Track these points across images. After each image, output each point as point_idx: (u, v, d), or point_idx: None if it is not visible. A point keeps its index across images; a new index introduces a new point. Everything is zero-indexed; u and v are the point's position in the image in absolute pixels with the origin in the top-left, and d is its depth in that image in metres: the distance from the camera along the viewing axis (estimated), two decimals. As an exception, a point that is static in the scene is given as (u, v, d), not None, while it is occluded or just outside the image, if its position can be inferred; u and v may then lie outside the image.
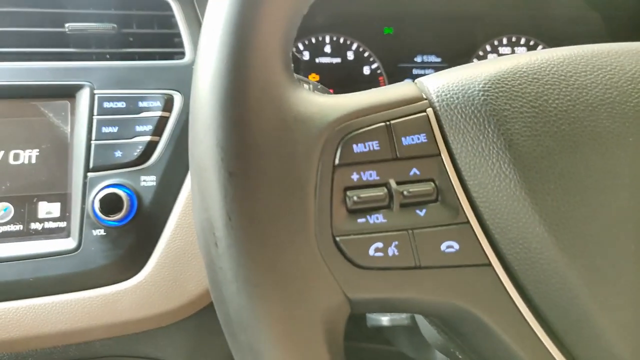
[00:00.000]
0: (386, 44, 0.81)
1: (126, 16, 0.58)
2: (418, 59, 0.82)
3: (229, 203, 0.26)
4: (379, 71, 0.82)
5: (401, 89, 0.32)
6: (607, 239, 0.29)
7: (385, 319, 0.54)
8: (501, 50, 0.83)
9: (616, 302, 0.28)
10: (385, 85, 0.80)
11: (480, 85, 0.31)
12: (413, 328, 0.52)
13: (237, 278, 0.26)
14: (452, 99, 0.31)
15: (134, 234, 0.50)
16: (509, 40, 0.84)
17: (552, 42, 0.83)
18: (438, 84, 0.32)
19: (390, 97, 0.31)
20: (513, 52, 0.84)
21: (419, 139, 0.30)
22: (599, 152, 0.29)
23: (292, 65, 0.31)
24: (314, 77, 0.80)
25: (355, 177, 0.29)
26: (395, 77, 0.82)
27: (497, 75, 0.31)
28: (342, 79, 0.80)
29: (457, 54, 0.81)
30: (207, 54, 0.28)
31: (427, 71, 0.82)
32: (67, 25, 0.55)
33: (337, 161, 0.29)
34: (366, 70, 0.82)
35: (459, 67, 0.34)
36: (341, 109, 0.30)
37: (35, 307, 0.48)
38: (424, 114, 0.31)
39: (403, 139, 0.30)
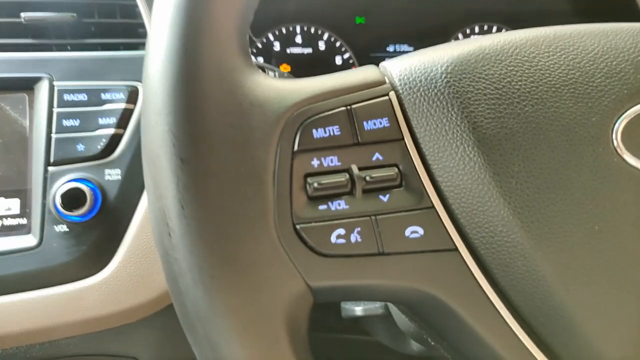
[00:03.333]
0: (358, 34, 0.81)
1: (87, 5, 0.56)
2: (390, 49, 0.81)
3: (182, 191, 0.25)
4: (351, 61, 0.81)
5: (363, 73, 0.31)
6: (571, 221, 0.28)
7: (358, 309, 0.54)
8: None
9: (581, 283, 0.28)
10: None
11: (443, 68, 0.30)
12: (388, 317, 0.52)
13: (192, 269, 0.25)
14: (414, 82, 0.30)
15: (98, 229, 0.49)
16: (481, 28, 0.84)
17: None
18: (401, 67, 0.31)
19: (352, 80, 0.30)
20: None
21: (381, 123, 0.29)
22: (562, 133, 0.29)
23: (249, 49, 0.30)
24: (285, 68, 0.79)
25: (315, 163, 0.28)
26: (367, 67, 0.81)
27: (460, 57, 0.30)
28: (314, 70, 0.79)
29: (430, 43, 0.80)
30: (158, 36, 0.27)
31: (399, 61, 0.81)
32: (22, 15, 0.53)
33: (296, 147, 0.28)
34: (338, 61, 0.81)
35: (422, 50, 0.33)
36: (300, 93, 0.29)
37: (-4, 307, 0.47)
38: (386, 97, 0.30)
39: (365, 123, 0.29)
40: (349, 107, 0.29)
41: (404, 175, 0.29)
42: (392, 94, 0.30)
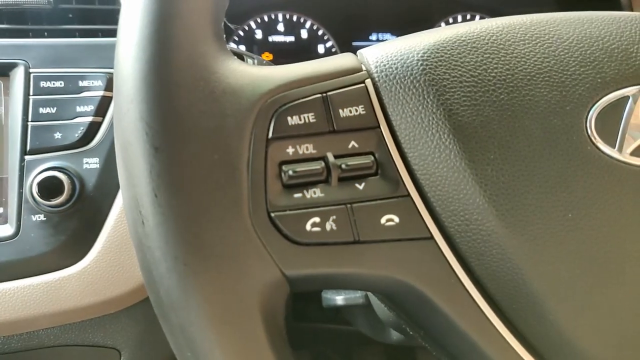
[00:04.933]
0: (340, 22, 0.80)
1: (64, -10, 0.55)
2: (373, 37, 0.81)
3: (155, 179, 0.25)
4: (333, 49, 0.81)
5: (339, 60, 0.31)
6: (545, 208, 0.28)
7: (339, 299, 0.54)
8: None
9: (553, 271, 0.28)
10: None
11: (419, 55, 0.30)
12: (368, 307, 0.52)
13: (166, 257, 0.25)
14: (391, 69, 0.30)
15: (76, 218, 0.48)
16: (464, 18, 0.84)
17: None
18: (377, 54, 0.31)
19: (328, 68, 0.30)
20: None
21: (357, 110, 0.29)
22: (536, 121, 0.29)
23: (224, 35, 0.30)
24: (267, 56, 0.78)
25: (290, 150, 0.28)
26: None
27: (436, 44, 0.30)
28: (296, 58, 0.78)
29: (412, 32, 0.80)
30: (129, 21, 0.27)
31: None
32: (-3, 0, 0.52)
33: (270, 134, 0.28)
34: (321, 49, 0.80)
35: (400, 37, 0.33)
36: (274, 80, 0.28)
37: (-28, 298, 0.46)
38: (362, 85, 0.30)
39: (340, 111, 0.29)
40: (324, 95, 0.29)
41: (379, 163, 0.29)
42: (368, 82, 0.30)
